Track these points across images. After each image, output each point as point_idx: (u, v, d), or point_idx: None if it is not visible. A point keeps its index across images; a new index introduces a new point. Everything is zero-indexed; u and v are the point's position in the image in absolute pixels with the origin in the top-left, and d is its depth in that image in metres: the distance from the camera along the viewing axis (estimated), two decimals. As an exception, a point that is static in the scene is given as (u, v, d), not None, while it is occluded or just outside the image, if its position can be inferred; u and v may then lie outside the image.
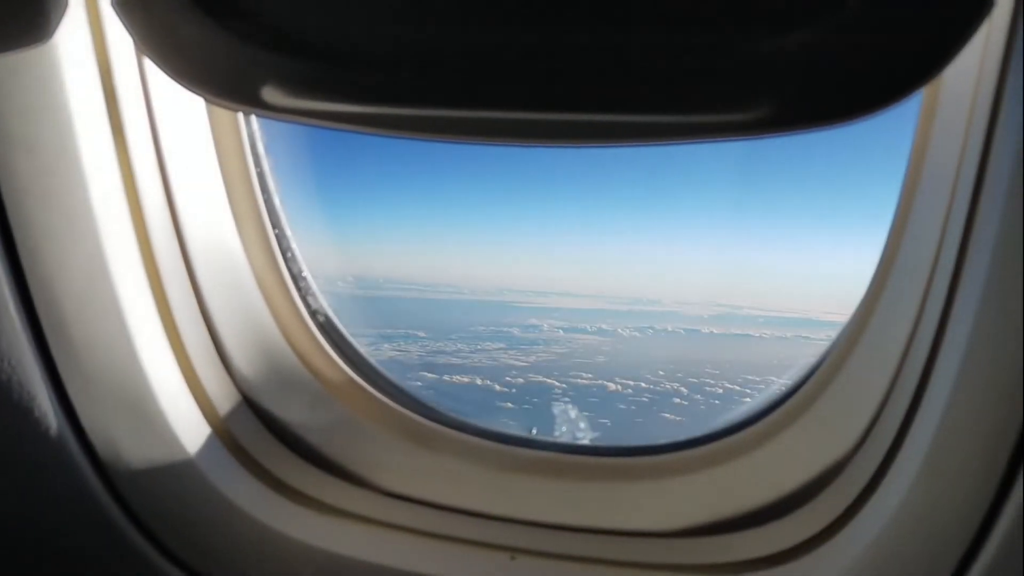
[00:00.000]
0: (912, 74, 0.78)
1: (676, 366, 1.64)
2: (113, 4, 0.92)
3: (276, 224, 1.34)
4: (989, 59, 0.89)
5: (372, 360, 1.43)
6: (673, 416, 1.36)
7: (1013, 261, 0.80)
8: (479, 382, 1.71)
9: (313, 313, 1.38)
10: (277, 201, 1.36)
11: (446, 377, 1.72)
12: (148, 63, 1.10)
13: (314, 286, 1.41)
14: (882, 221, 1.09)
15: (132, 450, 1.11)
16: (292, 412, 1.33)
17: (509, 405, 1.68)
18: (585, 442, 1.34)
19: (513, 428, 1.38)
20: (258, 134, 1.33)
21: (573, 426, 1.37)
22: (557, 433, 1.36)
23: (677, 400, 1.42)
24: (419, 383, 1.67)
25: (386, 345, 1.70)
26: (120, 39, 1.05)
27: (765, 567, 1.14)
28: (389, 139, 1.54)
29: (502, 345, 1.83)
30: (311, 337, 1.35)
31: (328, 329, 1.39)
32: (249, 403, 1.31)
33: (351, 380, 1.36)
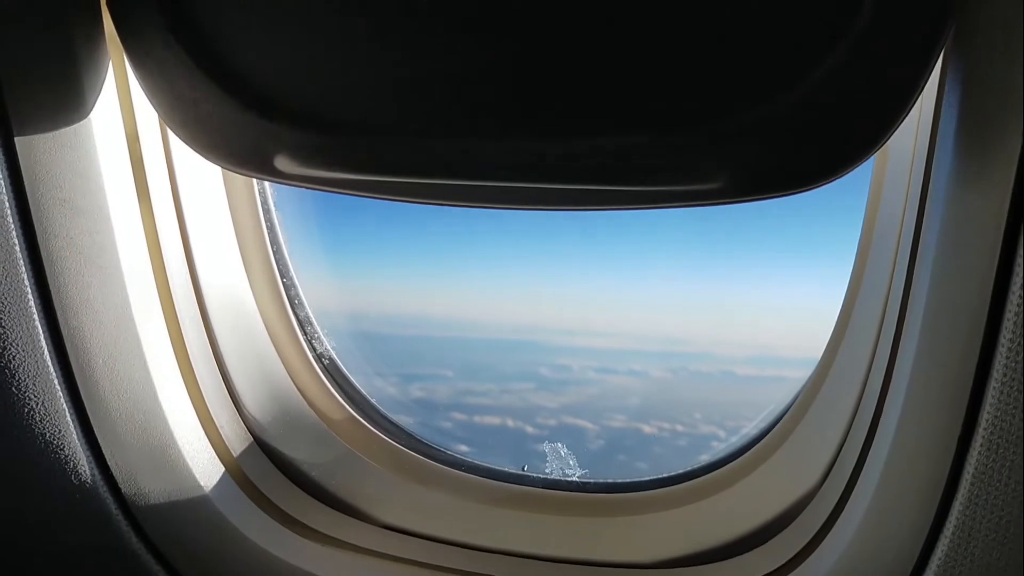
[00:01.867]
0: (860, 144, 0.86)
1: (712, 408, 1.62)
2: (138, 80, 1.03)
3: (285, 274, 1.44)
4: (923, 126, 0.99)
5: (373, 400, 1.52)
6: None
7: (946, 321, 0.89)
8: (510, 423, 1.71)
9: (319, 357, 1.48)
10: (286, 253, 1.46)
11: (476, 418, 1.72)
12: (171, 134, 1.20)
13: (320, 331, 1.50)
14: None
15: (151, 485, 1.20)
16: (298, 451, 1.42)
17: (543, 448, 1.70)
18: (572, 479, 1.42)
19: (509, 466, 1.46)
20: (268, 192, 1.43)
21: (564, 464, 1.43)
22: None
23: (715, 444, 1.42)
24: (449, 423, 1.72)
25: (414, 385, 1.73)
26: (146, 112, 1.16)
27: (738, 595, 1.22)
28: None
29: (532, 385, 1.80)
30: (317, 379, 1.44)
31: (332, 372, 1.49)
32: (259, 442, 1.40)
33: (353, 419, 1.45)
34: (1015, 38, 0.78)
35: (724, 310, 1.68)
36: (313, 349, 1.47)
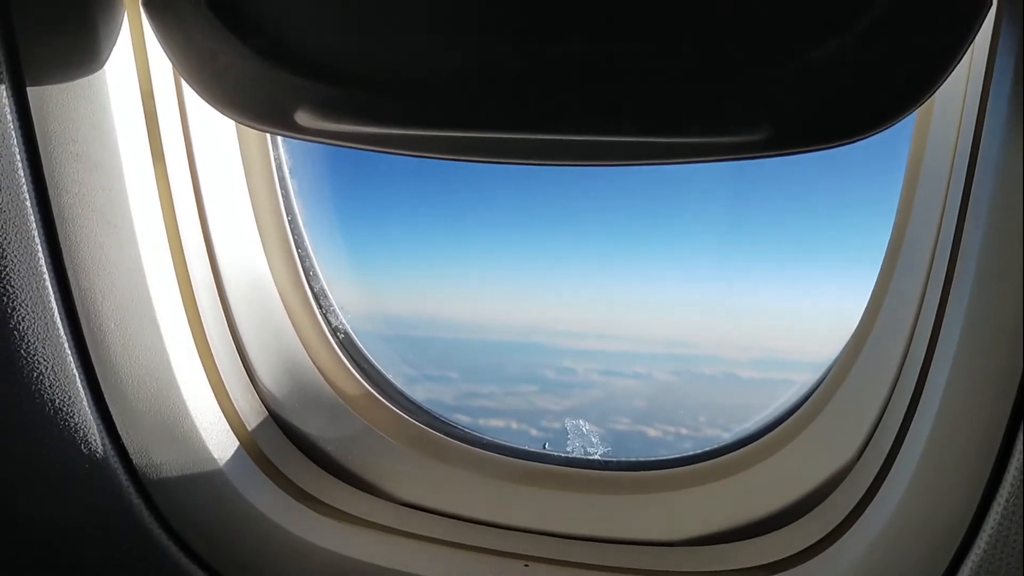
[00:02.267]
0: (906, 96, 0.84)
1: (716, 411, 1.61)
2: (155, 32, 0.99)
3: (300, 245, 1.41)
4: (973, 82, 0.95)
5: (389, 376, 1.49)
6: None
7: (998, 284, 0.85)
8: (514, 426, 1.69)
9: (334, 330, 1.44)
10: (301, 223, 1.42)
11: (481, 420, 1.71)
12: (187, 88, 1.16)
13: (335, 304, 1.46)
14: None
15: (164, 457, 1.16)
16: (314, 425, 1.38)
17: (547, 450, 1.69)
18: (594, 456, 1.39)
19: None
20: (284, 159, 1.39)
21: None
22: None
23: None
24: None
25: (418, 387, 1.71)
26: (161, 65, 1.12)
27: (766, 574, 1.18)
28: (413, 169, 1.62)
29: (536, 388, 1.79)
30: (332, 353, 1.40)
31: (347, 346, 1.45)
32: (274, 417, 1.36)
33: (370, 395, 1.41)
34: None
35: (728, 312, 1.66)
36: (328, 323, 1.43)
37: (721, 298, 1.64)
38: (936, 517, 0.94)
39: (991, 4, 0.80)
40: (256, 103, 0.99)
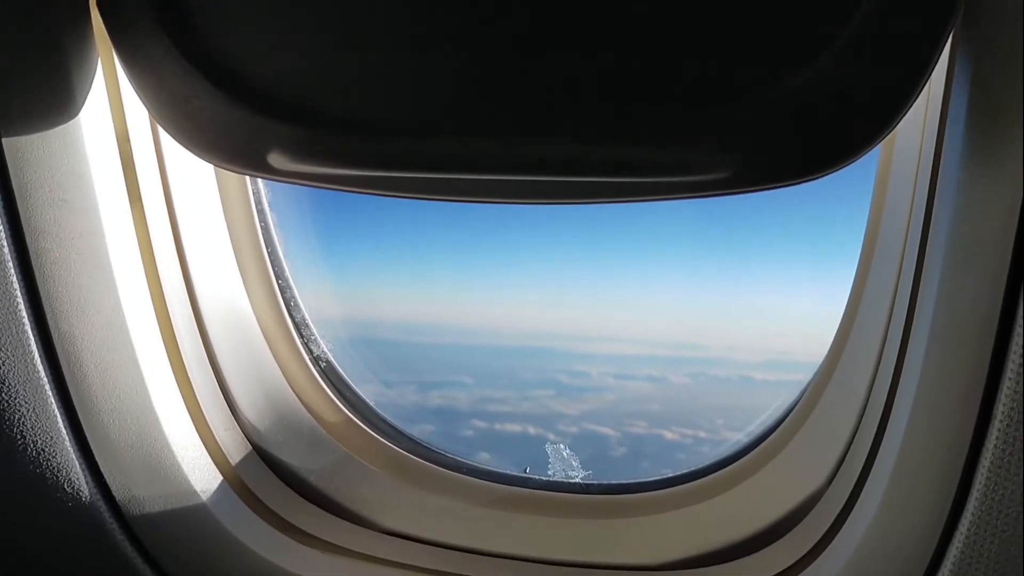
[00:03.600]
0: (867, 131, 0.85)
1: (733, 414, 1.60)
2: (128, 77, 1.00)
3: (280, 276, 1.42)
4: (930, 120, 0.97)
5: (371, 402, 1.50)
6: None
7: (956, 320, 0.87)
8: (531, 430, 1.69)
9: (316, 359, 1.45)
10: (281, 254, 1.44)
11: (497, 425, 1.70)
12: (163, 132, 1.17)
13: (316, 334, 1.48)
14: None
15: (147, 494, 1.17)
16: (297, 456, 1.39)
17: (566, 456, 1.68)
18: (575, 480, 1.40)
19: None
20: (263, 190, 1.41)
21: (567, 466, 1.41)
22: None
23: None
24: (470, 432, 1.72)
25: (433, 392, 1.70)
26: (136, 110, 1.13)
27: (744, 597, 1.20)
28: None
29: (551, 392, 1.78)
30: (314, 383, 1.42)
31: (329, 374, 1.46)
32: (257, 449, 1.37)
33: (351, 423, 1.42)
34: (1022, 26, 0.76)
35: (737, 314, 1.66)
36: (310, 352, 1.45)
37: (728, 299, 1.64)
38: (906, 537, 0.96)
39: (947, 40, 0.82)
40: (230, 146, 1.00)
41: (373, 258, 1.77)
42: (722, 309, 1.67)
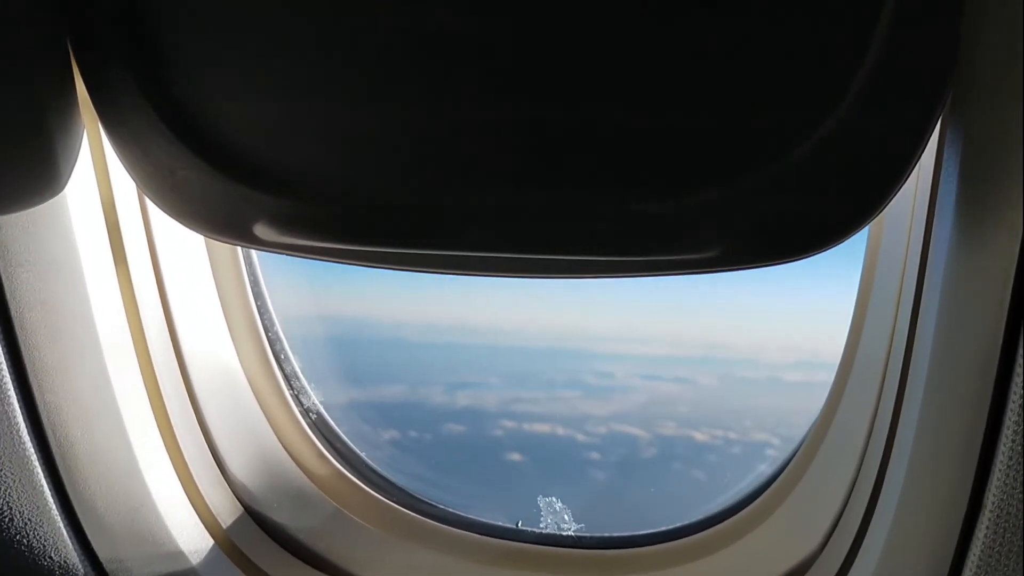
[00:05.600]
0: (855, 213, 0.85)
1: (763, 415, 1.59)
2: (114, 148, 1.00)
3: (269, 328, 1.41)
4: (920, 197, 0.97)
5: (363, 454, 1.49)
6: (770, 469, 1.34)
7: (948, 389, 0.86)
8: (560, 431, 1.68)
9: (306, 412, 1.44)
10: (270, 305, 1.43)
11: (526, 425, 1.69)
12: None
13: (306, 385, 1.47)
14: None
15: (138, 565, 1.16)
16: (288, 514, 1.38)
17: (595, 456, 1.66)
18: (569, 534, 1.39)
19: (501, 519, 1.43)
20: (252, 243, 1.39)
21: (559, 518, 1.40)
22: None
23: (770, 451, 1.39)
24: (499, 432, 1.71)
25: (461, 393, 1.70)
26: (122, 177, 1.12)
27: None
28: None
29: (579, 393, 1.78)
30: (304, 437, 1.41)
31: (320, 427, 1.45)
32: (247, 509, 1.36)
33: (343, 477, 1.41)
34: (1013, 105, 0.76)
35: (764, 315, 1.64)
36: (300, 404, 1.44)
37: (754, 300, 1.63)
38: None
39: (936, 123, 0.82)
40: (216, 217, 1.00)
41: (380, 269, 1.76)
42: (749, 310, 1.66)
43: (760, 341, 1.67)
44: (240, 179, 0.96)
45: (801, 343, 1.64)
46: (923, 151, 0.82)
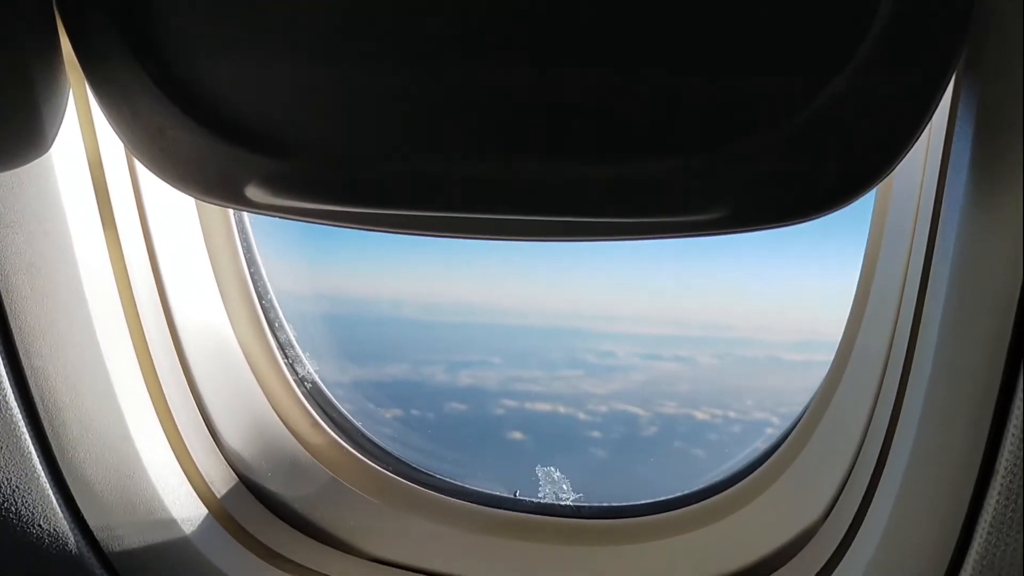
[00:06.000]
0: (864, 174, 0.83)
1: (763, 395, 1.59)
2: (101, 107, 0.97)
3: (263, 296, 1.38)
4: (932, 155, 0.94)
5: (359, 423, 1.47)
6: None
7: (961, 343, 0.84)
8: (561, 410, 1.68)
9: (300, 380, 1.42)
10: (264, 274, 1.40)
11: (527, 404, 1.69)
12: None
13: (301, 353, 1.45)
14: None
15: (129, 532, 1.15)
16: (282, 483, 1.36)
17: (596, 434, 1.66)
18: (567, 503, 1.38)
19: (499, 489, 1.42)
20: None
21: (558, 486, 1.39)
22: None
23: (770, 430, 1.39)
24: (501, 411, 1.71)
25: (463, 372, 1.69)
26: (109, 137, 1.09)
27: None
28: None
29: (580, 372, 1.78)
30: (299, 406, 1.39)
31: (315, 396, 1.43)
32: (241, 477, 1.34)
33: (338, 445, 1.39)
34: None
35: (765, 294, 1.63)
36: (295, 373, 1.42)
37: (755, 279, 1.62)
38: (907, 567, 0.94)
39: (950, 80, 0.79)
40: (206, 178, 0.97)
41: (379, 241, 1.74)
42: (749, 289, 1.66)
43: (761, 321, 1.67)
44: (231, 139, 0.93)
45: (802, 323, 1.64)
46: (934, 112, 0.80)
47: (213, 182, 0.96)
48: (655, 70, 0.81)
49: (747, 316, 1.69)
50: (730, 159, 0.83)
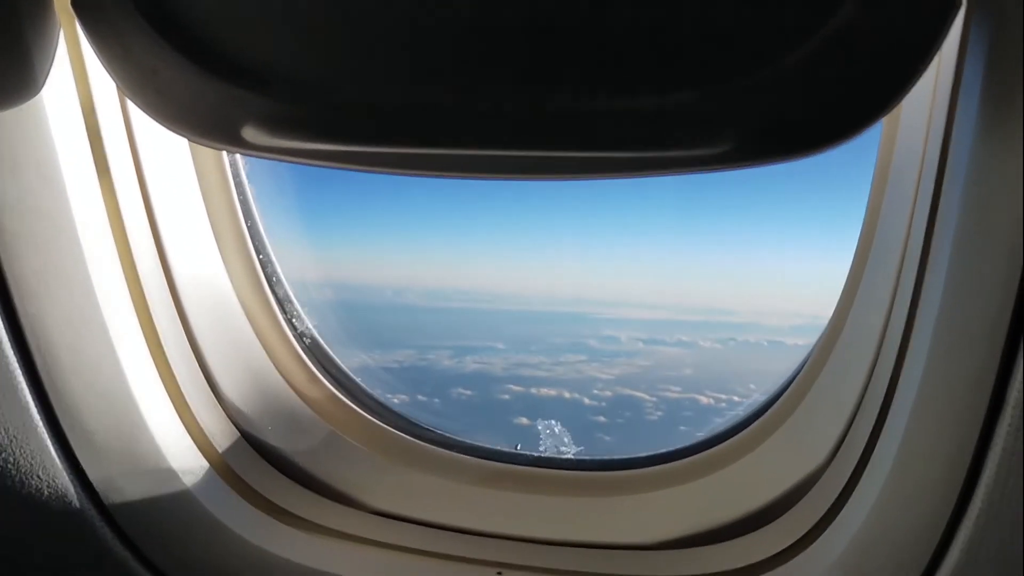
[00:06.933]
0: (872, 105, 0.81)
1: (766, 378, 1.62)
2: (93, 47, 0.95)
3: (260, 250, 1.37)
4: (941, 87, 0.93)
5: (358, 379, 1.46)
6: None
7: (968, 289, 0.83)
8: (566, 395, 1.69)
9: (300, 336, 1.41)
10: (261, 228, 1.39)
11: (533, 390, 1.70)
12: (131, 104, 1.12)
13: (299, 308, 1.43)
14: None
15: (129, 484, 1.14)
16: (282, 437, 1.36)
17: (602, 419, 1.66)
18: (568, 456, 1.38)
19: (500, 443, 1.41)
20: (240, 161, 1.35)
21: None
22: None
23: None
24: (507, 396, 1.72)
25: (468, 357, 1.69)
26: (102, 81, 1.08)
27: (741, 578, 1.18)
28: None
29: (583, 357, 1.79)
30: (299, 360, 1.38)
31: (315, 351, 1.42)
32: (241, 431, 1.34)
33: (338, 400, 1.39)
34: None
35: (766, 279, 1.66)
36: (294, 328, 1.41)
37: (755, 264, 1.64)
38: (912, 519, 0.94)
39: (959, 8, 0.78)
40: (201, 119, 0.95)
41: (380, 227, 1.76)
42: (750, 274, 1.68)
43: (761, 305, 1.68)
44: (226, 78, 0.91)
45: (802, 307, 1.64)
46: (943, 39, 0.78)
47: (208, 123, 0.95)
48: (657, 4, 0.80)
49: (748, 301, 1.71)
50: (733, 91, 0.82)
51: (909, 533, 0.94)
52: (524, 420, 1.58)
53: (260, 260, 1.37)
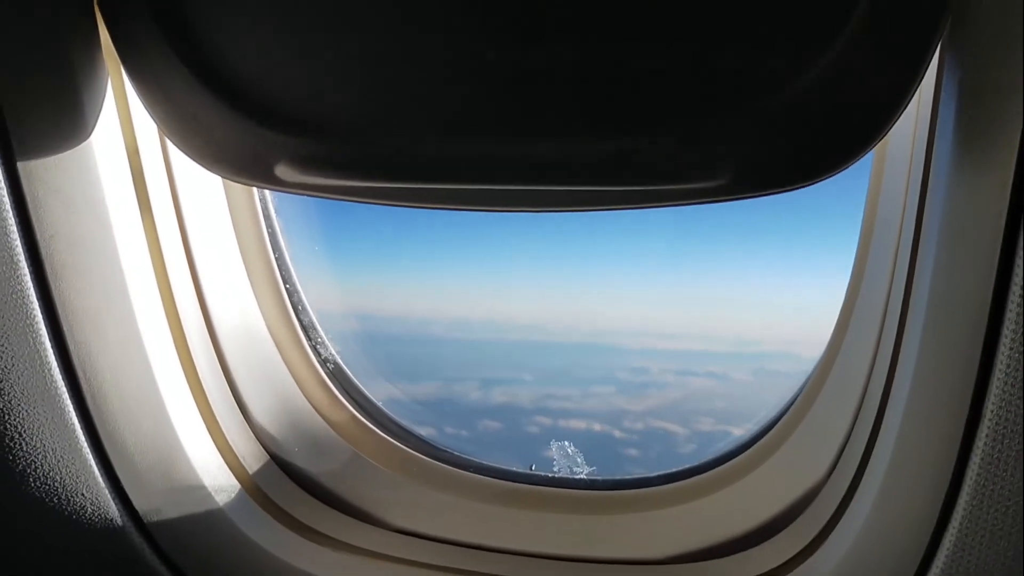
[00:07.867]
0: (858, 139, 0.87)
1: None
2: (138, 94, 1.03)
3: (287, 280, 1.44)
4: (921, 119, 0.99)
5: (379, 403, 1.53)
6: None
7: (948, 318, 0.89)
8: (596, 427, 1.68)
9: (324, 362, 1.48)
10: (288, 258, 1.46)
11: (561, 422, 1.69)
12: (171, 144, 1.20)
13: (323, 335, 1.50)
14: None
15: (166, 503, 1.21)
16: (308, 458, 1.43)
17: (634, 452, 1.67)
18: (580, 476, 1.43)
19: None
20: (269, 197, 1.43)
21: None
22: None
23: None
24: (535, 428, 1.71)
25: (495, 389, 1.70)
26: (146, 124, 1.16)
27: (745, 590, 1.23)
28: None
29: (612, 388, 1.76)
30: (323, 385, 1.45)
31: (338, 376, 1.49)
32: (270, 453, 1.41)
33: (360, 423, 1.45)
34: (1012, 29, 0.78)
35: (792, 308, 1.64)
36: (318, 354, 1.48)
37: (780, 293, 1.62)
38: (901, 531, 0.99)
39: (936, 46, 0.84)
40: (237, 159, 1.02)
41: (406, 259, 1.77)
42: (776, 303, 1.66)
43: (791, 335, 1.66)
44: (260, 121, 0.99)
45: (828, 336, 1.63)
46: (923, 76, 0.84)
47: (244, 163, 1.02)
48: (653, 44, 0.86)
49: (778, 330, 1.69)
50: (727, 129, 0.88)
51: (898, 543, 0.99)
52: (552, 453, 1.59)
53: (287, 290, 1.44)
